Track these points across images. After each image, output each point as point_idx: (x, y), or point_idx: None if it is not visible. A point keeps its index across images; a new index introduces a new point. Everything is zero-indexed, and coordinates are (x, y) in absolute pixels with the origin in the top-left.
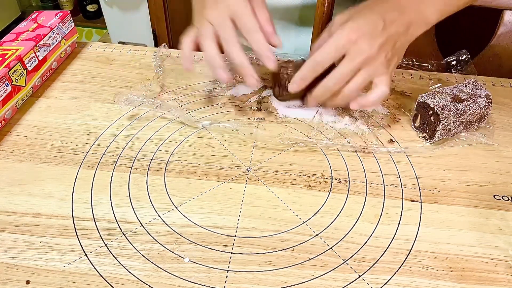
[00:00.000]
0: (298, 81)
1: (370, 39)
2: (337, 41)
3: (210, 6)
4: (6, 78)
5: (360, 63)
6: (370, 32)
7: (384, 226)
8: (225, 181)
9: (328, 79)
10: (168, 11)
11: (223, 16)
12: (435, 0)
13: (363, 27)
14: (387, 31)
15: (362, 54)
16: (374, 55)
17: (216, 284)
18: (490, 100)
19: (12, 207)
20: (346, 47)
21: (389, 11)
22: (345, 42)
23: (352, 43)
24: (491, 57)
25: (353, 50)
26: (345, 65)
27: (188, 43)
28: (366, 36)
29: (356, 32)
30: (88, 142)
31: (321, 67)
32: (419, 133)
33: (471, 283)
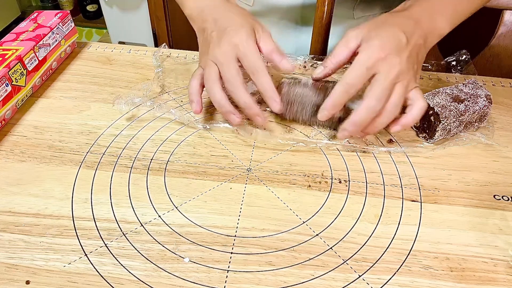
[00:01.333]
0: (330, 108)
1: (398, 54)
2: (367, 60)
3: (214, 45)
4: (6, 78)
5: (394, 79)
6: (396, 47)
7: (384, 226)
8: (225, 181)
9: (370, 99)
10: (168, 11)
11: (228, 55)
12: (445, 10)
13: (388, 43)
14: (410, 44)
15: (395, 69)
16: (404, 69)
17: (216, 284)
18: (490, 100)
19: (12, 207)
20: (376, 66)
21: (405, 24)
22: (375, 61)
23: (382, 61)
24: (491, 57)
25: (385, 67)
26: (383, 81)
27: (195, 86)
28: (393, 51)
29: (383, 49)
30: (88, 142)
31: (354, 89)
32: (419, 133)
33: (471, 283)
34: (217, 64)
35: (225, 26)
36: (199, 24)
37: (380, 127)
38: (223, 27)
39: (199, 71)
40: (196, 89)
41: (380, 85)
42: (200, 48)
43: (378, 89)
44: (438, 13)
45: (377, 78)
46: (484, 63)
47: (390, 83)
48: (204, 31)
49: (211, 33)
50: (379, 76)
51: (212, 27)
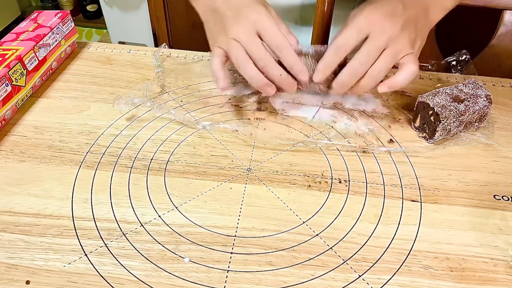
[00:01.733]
0: (323, 69)
1: (392, 18)
2: (359, 23)
3: (233, 23)
4: (6, 78)
5: (384, 42)
6: (390, 13)
7: (384, 226)
8: (225, 181)
9: (354, 61)
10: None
11: (250, 32)
12: None
13: (382, 8)
14: (407, 12)
15: (386, 33)
16: (397, 33)
17: (216, 284)
18: (490, 100)
19: (12, 207)
20: (368, 29)
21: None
22: (366, 24)
23: (374, 24)
24: (491, 57)
25: (376, 30)
26: (370, 45)
27: (218, 64)
28: (387, 16)
29: (376, 13)
30: (88, 142)
31: (344, 51)
32: (419, 133)
33: (471, 283)
34: (240, 42)
35: (240, 4)
36: (207, 3)
37: (365, 88)
38: (238, 4)
39: (218, 51)
40: (220, 66)
41: (367, 48)
42: (212, 27)
43: (364, 52)
44: None
45: (366, 41)
46: (484, 63)
47: (378, 47)
48: (215, 11)
49: (225, 11)
50: (369, 39)
51: (225, 6)
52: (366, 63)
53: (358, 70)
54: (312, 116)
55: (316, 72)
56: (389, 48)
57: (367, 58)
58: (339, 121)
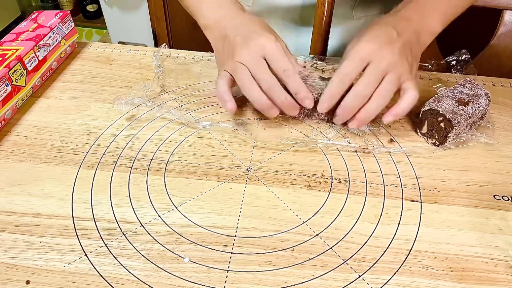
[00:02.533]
0: (328, 99)
1: (390, 45)
2: (360, 52)
3: (241, 48)
4: (6, 78)
5: (385, 67)
6: (387, 40)
7: (384, 226)
8: (225, 181)
9: (358, 85)
10: (168, 11)
11: (257, 56)
12: (436, 9)
13: (379, 37)
14: (401, 38)
15: (386, 59)
16: (396, 59)
17: (216, 284)
18: (489, 98)
19: (12, 207)
20: (369, 57)
21: (396, 21)
22: (367, 52)
23: (374, 51)
24: (491, 57)
25: (377, 57)
26: (372, 69)
27: (223, 86)
28: (384, 43)
29: (374, 42)
30: (88, 142)
31: (348, 80)
32: (427, 140)
33: (471, 283)
34: (247, 65)
35: (250, 31)
36: (218, 32)
37: (370, 114)
38: (248, 31)
39: (224, 74)
40: (226, 89)
41: (370, 73)
42: (221, 53)
43: (367, 76)
44: (429, 12)
45: (368, 67)
46: (484, 63)
47: (381, 71)
48: (226, 37)
49: (234, 37)
50: (371, 65)
51: (235, 33)
52: (371, 84)
53: (363, 92)
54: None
55: (321, 102)
56: (390, 72)
57: (371, 80)
58: None
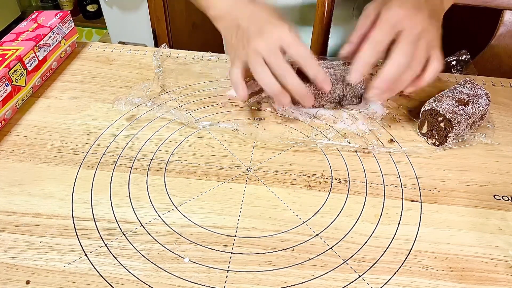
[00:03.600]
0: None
1: (420, 12)
2: (391, 18)
3: (255, 37)
4: (6, 78)
5: (419, 35)
6: (416, 6)
7: (384, 226)
8: (225, 181)
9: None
10: (168, 11)
11: (273, 45)
12: None
13: (407, 2)
14: (428, 3)
15: (419, 26)
16: (427, 25)
17: (216, 284)
18: (489, 98)
19: (12, 207)
20: (400, 22)
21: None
22: (398, 18)
23: (405, 18)
24: (491, 57)
25: (409, 24)
26: (407, 37)
27: (237, 73)
28: (414, 10)
29: (404, 8)
30: (88, 142)
31: (381, 46)
32: (427, 140)
33: (471, 283)
34: (262, 52)
35: (263, 20)
36: (230, 22)
37: (405, 83)
38: (261, 20)
39: (238, 63)
40: (239, 76)
41: (407, 41)
42: (234, 44)
43: (406, 45)
44: None
45: (403, 34)
46: (484, 63)
47: (415, 39)
48: (238, 27)
49: (249, 27)
50: (405, 32)
51: (248, 22)
52: (410, 54)
53: (405, 63)
54: (312, 116)
55: (354, 71)
56: (422, 39)
57: (410, 50)
58: (339, 121)
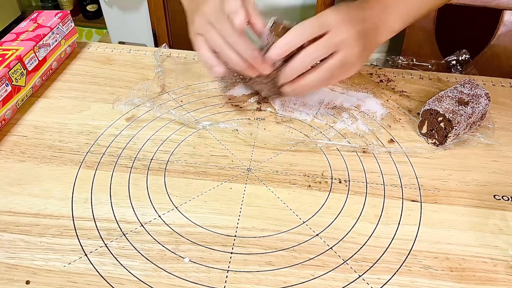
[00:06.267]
0: (279, 48)
1: (352, 25)
2: (323, 16)
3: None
4: (6, 78)
5: (339, 43)
6: (351, 19)
7: (384, 226)
8: (225, 181)
9: (306, 49)
10: (168, 11)
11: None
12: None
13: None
14: (364, 24)
15: (344, 34)
16: (352, 40)
17: (216, 284)
18: (489, 98)
19: (12, 207)
20: (330, 25)
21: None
22: (329, 22)
23: (336, 22)
24: (491, 57)
25: (336, 29)
26: (326, 40)
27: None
28: (348, 21)
29: (339, 16)
30: (88, 142)
31: (305, 36)
32: (427, 140)
33: (471, 283)
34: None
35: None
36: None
37: (307, 84)
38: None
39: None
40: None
41: (323, 41)
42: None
43: (320, 42)
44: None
45: (325, 35)
46: (484, 63)
47: (334, 44)
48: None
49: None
50: (328, 34)
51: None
52: (319, 51)
53: (310, 56)
54: (312, 116)
55: (274, 48)
56: (342, 51)
57: (321, 48)
58: (339, 121)
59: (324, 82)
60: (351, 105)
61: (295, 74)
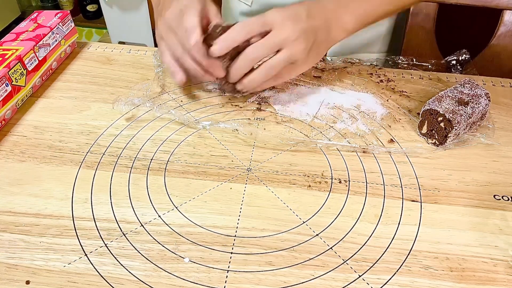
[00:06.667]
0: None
1: (294, 22)
2: (265, 15)
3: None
4: (6, 78)
5: (281, 42)
6: (294, 17)
7: (384, 226)
8: (225, 181)
9: (248, 48)
10: None
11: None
12: (353, 7)
13: (288, 11)
14: (310, 21)
15: (285, 32)
16: (296, 37)
17: (216, 284)
18: (489, 98)
19: (12, 207)
20: (271, 24)
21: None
22: (270, 19)
23: (277, 20)
24: (491, 57)
25: (278, 27)
26: (268, 38)
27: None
28: (290, 18)
29: (281, 12)
30: (88, 142)
31: (245, 32)
32: (427, 140)
33: (471, 283)
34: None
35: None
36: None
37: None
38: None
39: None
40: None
41: (265, 40)
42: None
43: (261, 41)
44: (345, 7)
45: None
46: (484, 63)
47: (275, 42)
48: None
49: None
50: (270, 33)
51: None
52: (260, 50)
53: (251, 55)
54: (312, 116)
55: (216, 43)
56: (285, 50)
57: (262, 46)
58: (339, 121)
59: (271, 80)
60: (351, 105)
61: (240, 72)
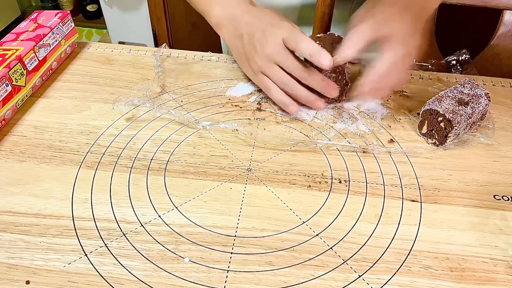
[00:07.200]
0: (368, 85)
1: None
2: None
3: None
4: (6, 78)
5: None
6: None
7: (384, 226)
8: (225, 181)
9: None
10: (168, 11)
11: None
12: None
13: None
14: (418, 23)
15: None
16: (412, 31)
17: (216, 284)
18: (489, 98)
19: (12, 207)
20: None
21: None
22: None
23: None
24: (491, 57)
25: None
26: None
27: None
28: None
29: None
30: (88, 142)
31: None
32: (427, 140)
33: (471, 283)
34: (272, 56)
35: (265, 24)
36: (232, 30)
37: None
38: (263, 25)
39: (267, 80)
40: (282, 94)
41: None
42: (242, 52)
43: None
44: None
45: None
46: (484, 63)
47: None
48: (242, 36)
49: (253, 34)
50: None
51: (252, 30)
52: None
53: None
54: (312, 116)
55: (362, 86)
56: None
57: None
58: (339, 121)
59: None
60: (351, 105)
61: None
